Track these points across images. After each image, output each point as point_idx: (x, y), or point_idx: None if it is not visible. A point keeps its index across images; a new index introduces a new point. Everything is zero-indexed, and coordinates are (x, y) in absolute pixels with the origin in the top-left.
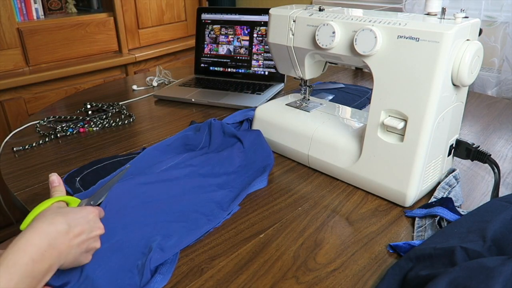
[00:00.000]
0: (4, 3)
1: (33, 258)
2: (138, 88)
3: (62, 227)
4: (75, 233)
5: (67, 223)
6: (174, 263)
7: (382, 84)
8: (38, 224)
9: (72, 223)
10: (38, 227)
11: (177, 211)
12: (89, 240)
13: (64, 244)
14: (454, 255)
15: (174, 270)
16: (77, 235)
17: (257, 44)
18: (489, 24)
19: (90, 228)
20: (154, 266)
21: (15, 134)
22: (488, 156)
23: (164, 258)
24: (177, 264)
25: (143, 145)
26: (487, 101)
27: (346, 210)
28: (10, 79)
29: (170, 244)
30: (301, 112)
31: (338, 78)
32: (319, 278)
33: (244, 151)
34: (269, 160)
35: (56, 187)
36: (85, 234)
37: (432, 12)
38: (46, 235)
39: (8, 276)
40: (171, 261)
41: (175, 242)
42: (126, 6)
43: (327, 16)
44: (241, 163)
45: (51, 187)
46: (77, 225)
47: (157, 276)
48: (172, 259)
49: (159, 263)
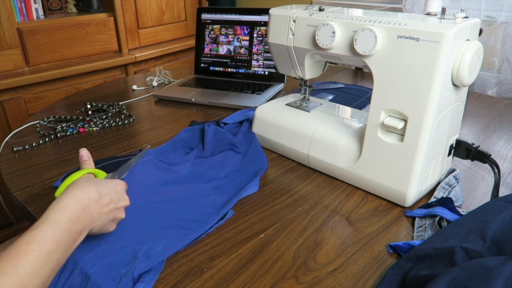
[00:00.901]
0: (4, 3)
1: (71, 218)
2: (138, 88)
3: (94, 195)
4: (104, 202)
5: (98, 192)
6: (158, 271)
7: (382, 84)
8: (73, 191)
9: (102, 192)
10: (73, 193)
11: (165, 217)
12: (116, 210)
13: (95, 211)
14: (454, 255)
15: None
16: (106, 204)
17: (257, 44)
18: (489, 24)
19: (117, 199)
20: (138, 274)
21: (15, 134)
22: (488, 156)
23: (150, 265)
24: (177, 264)
25: (143, 145)
26: (487, 101)
27: (346, 210)
28: (10, 79)
29: (156, 252)
30: (301, 112)
31: (338, 78)
32: (319, 278)
33: (238, 156)
34: (262, 165)
35: (85, 161)
36: (113, 203)
37: (432, 12)
38: (81, 200)
39: (53, 231)
40: (156, 269)
41: (162, 250)
42: (126, 6)
43: (327, 16)
44: (234, 168)
45: (81, 161)
46: (106, 195)
47: (139, 284)
48: (157, 266)
49: (144, 270)
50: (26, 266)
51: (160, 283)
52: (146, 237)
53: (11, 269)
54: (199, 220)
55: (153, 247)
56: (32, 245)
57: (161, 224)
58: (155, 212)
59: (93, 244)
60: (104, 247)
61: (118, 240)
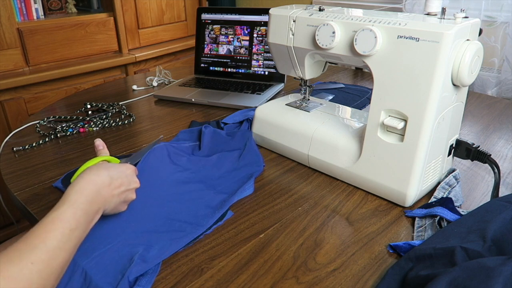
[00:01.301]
0: (4, 3)
1: (87, 199)
2: (138, 88)
3: (106, 179)
4: (115, 185)
5: (109, 176)
6: (155, 273)
7: (382, 84)
8: (87, 175)
9: (114, 176)
10: (88, 177)
11: (160, 219)
12: (126, 192)
13: (108, 193)
14: (454, 255)
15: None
16: (117, 186)
17: (257, 44)
18: (489, 24)
19: (128, 182)
20: (133, 277)
21: (15, 134)
22: (488, 156)
23: (146, 268)
24: (177, 264)
25: (143, 145)
26: (487, 101)
27: (346, 210)
28: (10, 79)
29: (152, 255)
30: (301, 112)
31: (338, 78)
32: (319, 278)
33: (234, 157)
34: (257, 167)
35: (101, 150)
36: (124, 186)
37: (432, 12)
38: (94, 183)
39: (72, 210)
40: (152, 272)
41: (157, 252)
42: (126, 6)
43: (327, 16)
44: (229, 168)
45: (97, 150)
46: (117, 178)
47: None
48: (153, 269)
49: (139, 274)
50: (54, 241)
51: (160, 283)
52: (141, 241)
53: (40, 244)
54: (194, 222)
55: (149, 250)
56: (56, 223)
57: (156, 226)
58: (149, 215)
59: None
60: (102, 250)
61: (115, 242)
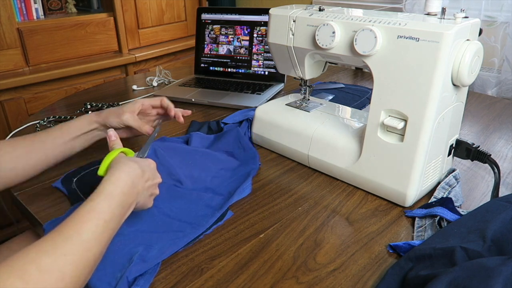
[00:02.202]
0: (4, 3)
1: (123, 190)
2: (138, 88)
3: (139, 171)
4: (145, 178)
5: (140, 168)
6: (153, 273)
7: (382, 84)
8: (121, 166)
9: (144, 168)
10: (123, 168)
11: (159, 219)
12: (153, 186)
13: (140, 185)
14: (454, 255)
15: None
16: (147, 179)
17: (257, 44)
18: (489, 24)
19: (153, 176)
20: (132, 277)
21: (15, 134)
22: (488, 156)
23: (145, 268)
24: (177, 264)
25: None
26: (487, 101)
27: (346, 210)
28: (10, 79)
29: (152, 255)
30: (301, 112)
31: (338, 78)
32: (319, 278)
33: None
34: (254, 164)
35: (114, 141)
36: (150, 180)
37: (432, 12)
38: (130, 175)
39: (108, 202)
40: (151, 272)
41: (157, 252)
42: (126, 6)
43: (327, 16)
44: (224, 166)
45: (109, 141)
46: (146, 171)
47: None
48: (152, 269)
49: (139, 273)
50: (88, 232)
51: (160, 283)
52: (141, 240)
53: (75, 235)
54: (193, 222)
55: (148, 250)
56: (92, 215)
57: (156, 226)
58: (148, 215)
59: None
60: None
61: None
